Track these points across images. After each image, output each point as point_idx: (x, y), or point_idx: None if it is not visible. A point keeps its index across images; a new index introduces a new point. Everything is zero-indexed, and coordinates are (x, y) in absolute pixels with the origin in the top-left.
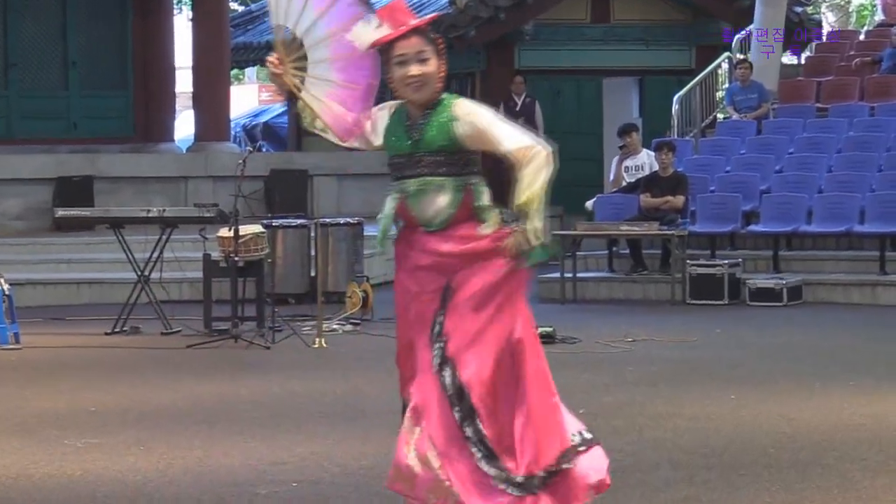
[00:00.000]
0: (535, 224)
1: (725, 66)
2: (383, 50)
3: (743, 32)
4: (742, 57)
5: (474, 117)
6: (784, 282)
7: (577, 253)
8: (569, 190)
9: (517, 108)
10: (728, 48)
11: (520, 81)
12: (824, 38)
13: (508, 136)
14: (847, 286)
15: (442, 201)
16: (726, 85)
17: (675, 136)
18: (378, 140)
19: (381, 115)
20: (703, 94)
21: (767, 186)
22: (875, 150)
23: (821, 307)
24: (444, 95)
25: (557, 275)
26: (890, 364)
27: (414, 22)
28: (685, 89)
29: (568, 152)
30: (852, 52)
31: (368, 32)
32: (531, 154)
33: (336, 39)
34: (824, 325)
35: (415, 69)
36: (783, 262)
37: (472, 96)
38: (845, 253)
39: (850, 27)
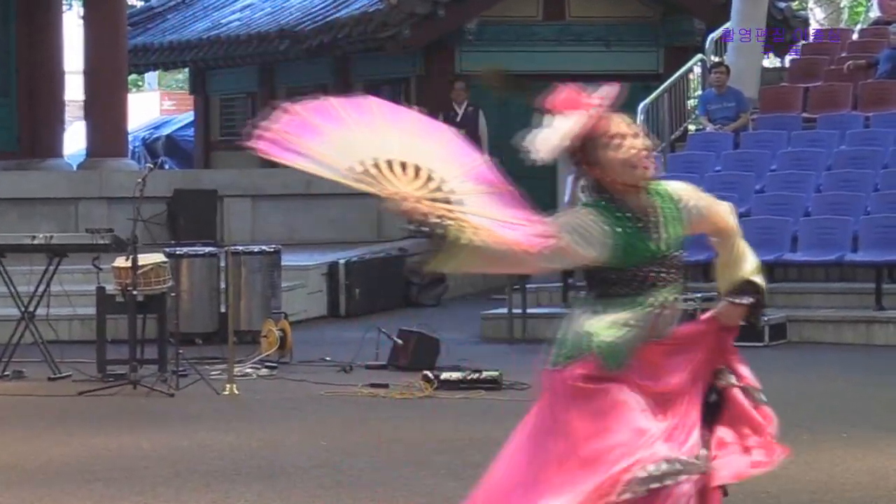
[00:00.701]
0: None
1: (698, 70)
2: (577, 144)
3: (719, 31)
4: (717, 60)
5: (696, 196)
6: (766, 318)
7: (527, 286)
8: None
9: (458, 119)
10: (701, 49)
11: (461, 88)
12: (811, 38)
13: (725, 207)
14: (838, 323)
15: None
16: (699, 92)
17: None
18: (594, 250)
19: (585, 220)
20: (672, 103)
21: (747, 209)
22: (870, 166)
23: (808, 347)
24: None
25: (504, 311)
26: (888, 413)
27: (612, 94)
28: (652, 97)
29: (516, 169)
30: (844, 54)
31: (560, 132)
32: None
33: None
34: (812, 368)
35: (639, 142)
36: (767, 295)
37: (406, 105)
38: (836, 285)
39: (842, 25)
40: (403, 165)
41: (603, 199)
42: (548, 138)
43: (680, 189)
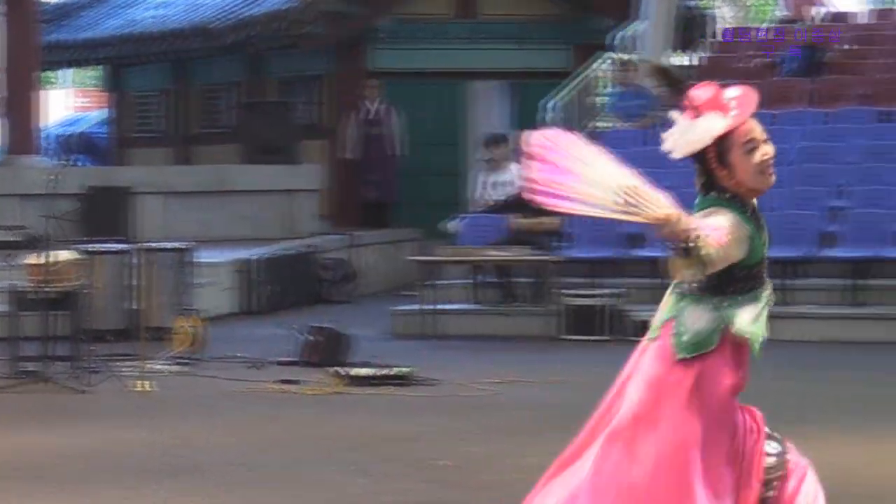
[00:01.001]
0: None
1: (607, 67)
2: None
3: (627, 29)
4: (626, 57)
5: None
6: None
7: (438, 282)
8: (428, 209)
9: (370, 117)
10: (610, 47)
11: (374, 86)
12: (720, 37)
13: None
14: None
15: None
16: (608, 89)
17: None
18: (742, 248)
19: (733, 219)
20: (582, 100)
21: None
22: (777, 164)
23: None
24: None
25: (416, 307)
26: (794, 407)
27: (752, 98)
28: (561, 94)
29: (429, 166)
30: (751, 52)
31: (705, 131)
32: None
33: None
34: None
35: (769, 149)
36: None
37: (319, 103)
38: None
39: (749, 23)
40: (637, 188)
41: (730, 199)
42: (690, 136)
43: None
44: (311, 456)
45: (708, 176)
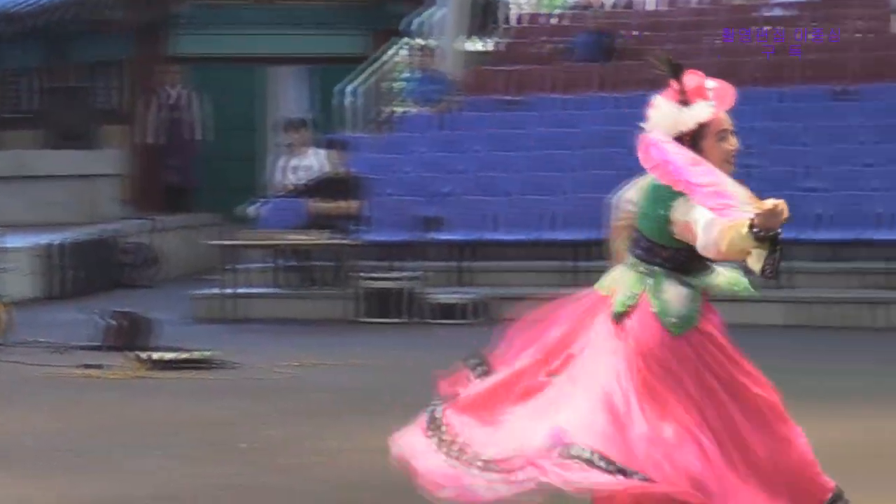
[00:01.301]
0: None
1: (404, 53)
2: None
3: (424, 15)
4: (423, 43)
5: None
6: (469, 297)
7: (239, 266)
8: (230, 194)
9: (171, 102)
10: (407, 33)
11: (174, 71)
12: (514, 22)
13: None
14: (537, 301)
15: None
16: (405, 75)
17: (349, 133)
18: None
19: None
20: (380, 85)
21: (451, 189)
22: (568, 147)
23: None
24: None
25: (216, 291)
26: None
27: (732, 92)
28: (359, 80)
29: (229, 151)
30: (544, 38)
31: (689, 117)
32: None
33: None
34: None
35: (734, 141)
36: (468, 274)
37: (120, 88)
38: (536, 263)
39: (542, 10)
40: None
41: None
42: (679, 119)
43: None
44: (113, 440)
45: None
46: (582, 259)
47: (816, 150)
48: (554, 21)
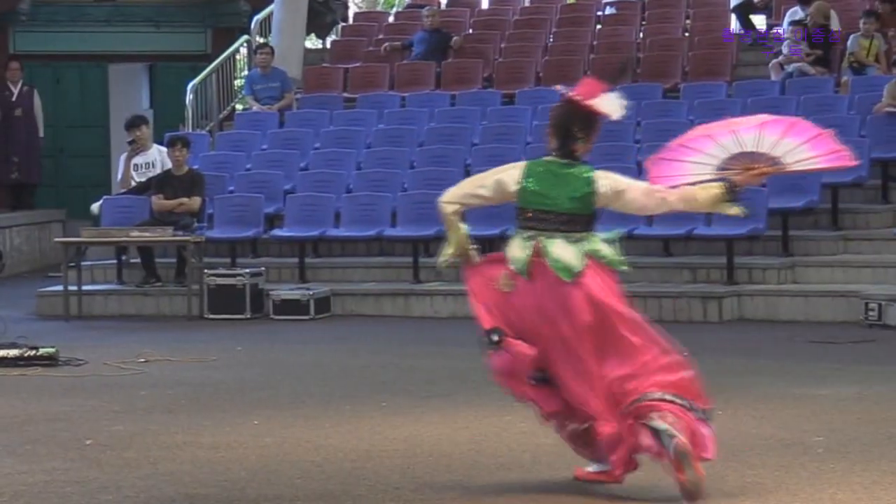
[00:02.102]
0: None
1: (244, 50)
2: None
3: (264, 13)
4: (262, 41)
5: None
6: (311, 292)
7: (83, 263)
8: (73, 191)
9: (13, 99)
10: (247, 31)
11: (16, 68)
12: (351, 20)
13: None
14: (378, 296)
15: None
16: (245, 72)
17: (190, 130)
18: None
19: None
20: (220, 83)
21: (292, 186)
22: (407, 144)
23: (351, 320)
24: None
25: (59, 288)
26: (424, 381)
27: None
28: (200, 77)
29: (71, 148)
30: (381, 37)
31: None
32: None
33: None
34: (355, 340)
35: None
36: (310, 270)
37: None
38: (376, 259)
39: (379, 8)
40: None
41: None
42: (620, 106)
43: None
44: None
45: (573, 143)
46: (422, 255)
47: (647, 147)
48: (391, 19)
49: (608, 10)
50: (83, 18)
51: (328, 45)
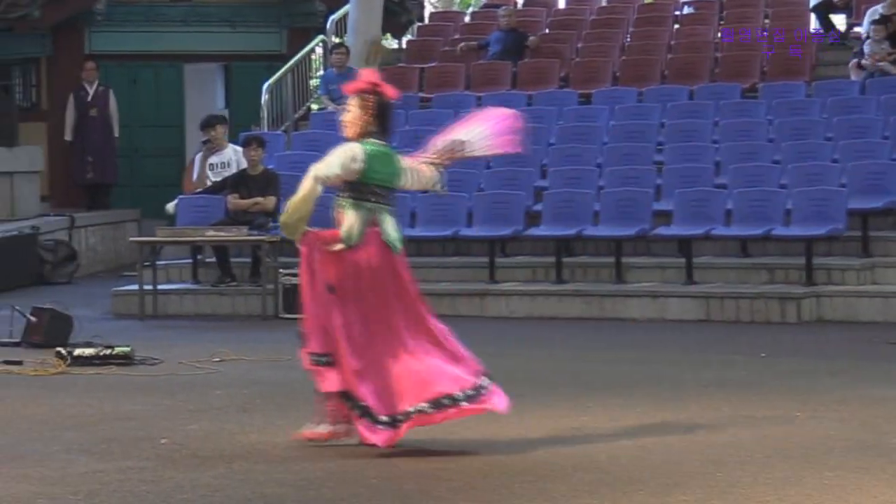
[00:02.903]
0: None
1: (320, 50)
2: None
3: (339, 13)
4: (338, 41)
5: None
6: None
7: (158, 262)
8: (147, 190)
9: (89, 99)
10: (323, 30)
11: (91, 68)
12: (427, 20)
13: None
14: (454, 296)
15: None
16: (321, 72)
17: (265, 130)
18: None
19: None
20: (295, 83)
21: None
22: None
23: None
24: None
25: (135, 287)
26: (500, 381)
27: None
28: (276, 77)
29: (146, 148)
30: (457, 36)
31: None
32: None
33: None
34: None
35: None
36: None
37: (37, 85)
38: (452, 259)
39: (455, 8)
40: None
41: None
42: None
43: None
44: (35, 436)
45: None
46: (499, 254)
47: (725, 147)
48: (467, 19)
49: (686, 10)
50: (159, 18)
51: (404, 45)
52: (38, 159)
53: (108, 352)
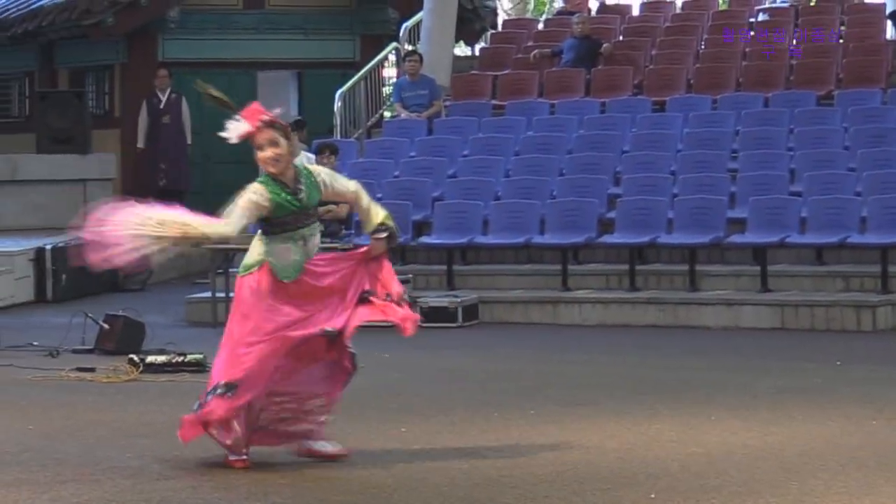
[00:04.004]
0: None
1: (393, 58)
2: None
3: (412, 20)
4: (411, 48)
5: (326, 173)
6: (459, 300)
7: (230, 269)
8: (219, 198)
9: (161, 106)
10: (395, 38)
11: (164, 75)
12: (500, 28)
13: (348, 182)
14: (526, 304)
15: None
16: (394, 79)
17: (338, 137)
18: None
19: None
20: (368, 90)
21: (440, 193)
22: (555, 152)
23: (499, 327)
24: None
25: (207, 294)
26: (572, 389)
27: (266, 118)
28: (349, 84)
29: (218, 155)
30: (530, 44)
31: (237, 129)
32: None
33: None
34: (502, 348)
35: (268, 153)
36: (458, 277)
37: (110, 92)
38: (525, 267)
39: (528, 15)
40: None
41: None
42: (233, 131)
43: (315, 168)
44: (107, 443)
45: None
46: (571, 263)
47: (801, 155)
48: (540, 27)
49: (761, 17)
50: (232, 26)
51: (477, 53)
52: (111, 167)
53: (180, 359)
